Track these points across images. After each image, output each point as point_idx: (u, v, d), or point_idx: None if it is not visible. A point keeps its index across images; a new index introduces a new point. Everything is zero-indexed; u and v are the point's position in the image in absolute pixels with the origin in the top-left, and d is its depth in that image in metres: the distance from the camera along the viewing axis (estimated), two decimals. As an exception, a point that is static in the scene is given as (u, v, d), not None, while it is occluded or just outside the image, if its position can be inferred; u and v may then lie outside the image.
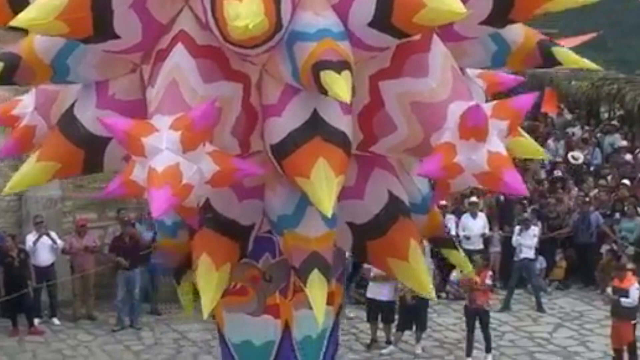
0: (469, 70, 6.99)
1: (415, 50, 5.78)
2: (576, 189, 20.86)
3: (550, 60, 6.61)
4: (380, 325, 15.97)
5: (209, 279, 5.93)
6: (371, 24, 5.46)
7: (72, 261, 17.12)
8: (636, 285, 14.72)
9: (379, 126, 5.93)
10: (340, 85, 5.12)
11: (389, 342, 15.85)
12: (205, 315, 5.80)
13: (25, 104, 6.94)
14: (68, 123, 6.12)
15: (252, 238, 6.33)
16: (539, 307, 17.95)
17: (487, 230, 18.65)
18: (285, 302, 6.44)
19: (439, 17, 5.30)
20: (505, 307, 17.65)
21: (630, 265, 15.92)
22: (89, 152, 6.08)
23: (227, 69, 5.67)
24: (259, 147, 5.97)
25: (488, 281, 15.41)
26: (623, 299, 14.49)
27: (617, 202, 19.63)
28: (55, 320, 16.91)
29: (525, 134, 6.97)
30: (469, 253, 18.69)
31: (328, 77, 5.15)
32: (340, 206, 5.81)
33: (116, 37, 5.69)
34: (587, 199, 19.71)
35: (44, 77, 6.18)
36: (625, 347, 14.60)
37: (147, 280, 17.24)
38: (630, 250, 17.90)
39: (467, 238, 18.39)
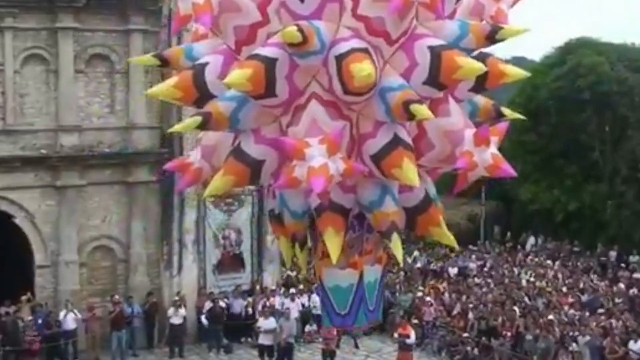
0: None
1: (441, 102, 7.63)
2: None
3: (499, 115, 8.44)
4: (266, 359, 25.20)
5: (334, 239, 7.59)
6: (425, 82, 7.23)
7: (87, 326, 26.05)
8: (413, 332, 23.88)
9: (424, 146, 7.69)
10: (424, 110, 6.94)
11: (273, 370, 25.12)
12: (334, 261, 7.50)
13: (194, 155, 8.52)
14: (240, 153, 7.62)
15: (350, 217, 7.92)
16: (356, 345, 26.87)
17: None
18: (361, 260, 8.21)
19: (469, 73, 7.11)
20: (337, 346, 26.61)
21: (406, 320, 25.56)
22: (253, 170, 7.65)
23: (341, 113, 7.43)
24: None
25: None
26: (407, 340, 23.49)
27: (396, 284, 30.05)
28: (77, 361, 26.21)
29: None
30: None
31: (416, 107, 6.92)
32: (399, 197, 7.82)
33: (275, 95, 7.33)
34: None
35: (224, 126, 7.57)
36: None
37: (129, 336, 26.49)
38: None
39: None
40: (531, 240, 40.14)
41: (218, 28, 7.62)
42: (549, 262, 34.98)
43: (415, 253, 35.93)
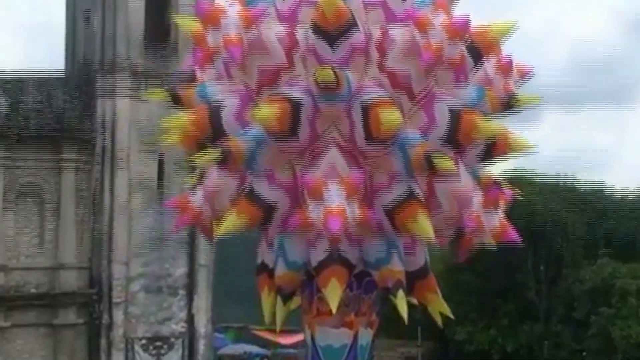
0: None
1: None
2: None
3: (498, 186, 8.63)
4: None
5: (336, 291, 7.63)
6: (442, 140, 7.52)
7: None
8: None
9: (432, 206, 7.70)
10: (446, 162, 7.26)
11: None
12: (334, 309, 7.53)
13: (197, 197, 8.52)
14: (253, 195, 7.74)
15: (354, 272, 7.99)
16: None
17: None
18: (356, 320, 8.19)
19: (488, 132, 7.54)
20: None
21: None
22: (265, 213, 7.78)
23: (357, 162, 7.63)
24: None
25: None
26: None
27: None
28: None
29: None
30: None
31: (437, 158, 7.24)
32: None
33: (296, 137, 7.51)
34: None
35: (240, 164, 7.70)
36: None
37: None
38: None
39: None
40: (470, 380, 39.39)
41: (244, 66, 7.71)
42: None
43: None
